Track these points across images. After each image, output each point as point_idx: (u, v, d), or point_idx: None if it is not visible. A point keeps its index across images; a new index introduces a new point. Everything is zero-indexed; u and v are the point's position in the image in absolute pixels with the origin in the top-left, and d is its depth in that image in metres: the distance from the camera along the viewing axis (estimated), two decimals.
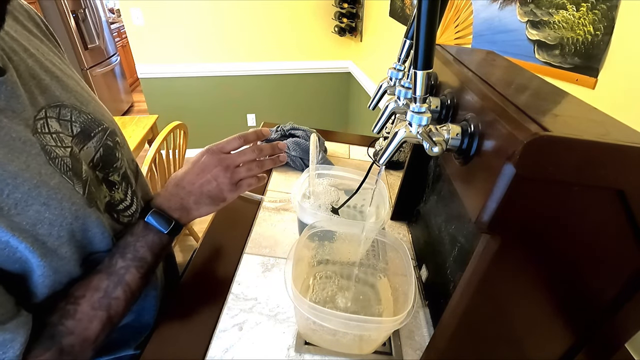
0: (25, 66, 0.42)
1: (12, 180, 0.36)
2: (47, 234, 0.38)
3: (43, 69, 0.45)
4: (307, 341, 0.52)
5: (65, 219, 0.40)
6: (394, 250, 0.55)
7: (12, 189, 0.35)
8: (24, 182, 0.36)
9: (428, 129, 0.34)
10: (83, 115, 0.48)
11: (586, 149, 0.25)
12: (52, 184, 0.39)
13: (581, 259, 0.32)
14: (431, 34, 0.29)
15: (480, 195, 0.30)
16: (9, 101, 0.38)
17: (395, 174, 0.96)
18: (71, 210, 0.40)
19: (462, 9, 1.13)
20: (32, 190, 0.37)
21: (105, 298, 0.44)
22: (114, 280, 0.45)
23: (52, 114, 0.43)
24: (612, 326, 0.36)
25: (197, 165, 0.53)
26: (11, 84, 0.38)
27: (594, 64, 0.67)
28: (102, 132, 0.51)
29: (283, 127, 0.99)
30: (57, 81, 0.46)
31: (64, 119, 0.45)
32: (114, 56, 3.53)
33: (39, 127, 0.41)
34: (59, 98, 0.45)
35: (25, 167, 0.37)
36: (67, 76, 0.49)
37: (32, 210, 0.37)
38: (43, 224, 0.38)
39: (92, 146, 0.48)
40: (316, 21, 2.40)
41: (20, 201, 0.36)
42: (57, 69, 0.48)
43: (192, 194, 0.52)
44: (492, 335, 0.40)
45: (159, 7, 2.17)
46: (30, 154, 0.38)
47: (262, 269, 0.63)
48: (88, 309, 0.42)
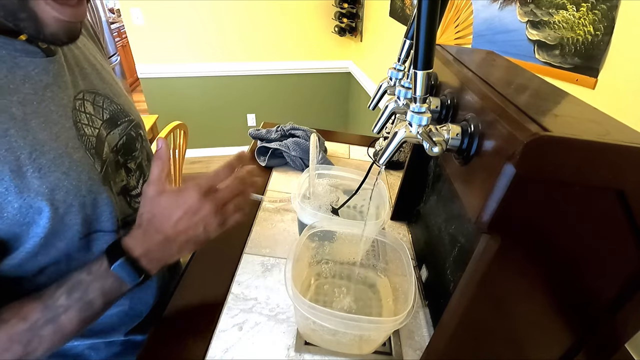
0: (72, 55, 0.49)
1: (40, 146, 0.39)
2: (62, 200, 0.41)
3: (86, 61, 0.52)
4: (307, 341, 0.52)
5: (80, 190, 0.43)
6: (394, 250, 0.55)
7: (38, 155, 0.39)
8: (51, 150, 0.40)
9: (428, 129, 0.34)
10: (114, 104, 0.54)
11: (586, 149, 0.25)
12: (76, 157, 0.43)
13: (581, 259, 0.32)
14: (431, 34, 0.29)
15: (480, 196, 0.30)
16: (55, 78, 0.44)
17: (395, 174, 0.96)
18: (87, 183, 0.44)
19: (462, 9, 1.13)
20: (56, 158, 0.41)
21: (29, 332, 0.39)
22: (47, 317, 0.40)
23: (89, 97, 0.49)
24: (612, 326, 0.35)
25: (185, 208, 0.43)
26: (59, 64, 0.45)
27: (594, 64, 0.67)
28: (128, 123, 0.56)
29: (283, 127, 0.99)
30: (97, 73, 0.53)
31: (97, 105, 0.51)
32: (114, 56, 3.53)
33: (77, 105, 0.46)
34: (95, 86, 0.51)
35: (55, 137, 0.41)
36: (105, 71, 0.55)
37: (53, 177, 0.40)
38: (60, 191, 0.41)
39: (117, 133, 0.53)
40: (316, 21, 2.40)
41: (44, 166, 0.39)
42: (97, 62, 0.54)
43: (175, 242, 0.44)
44: (492, 335, 0.40)
45: (159, 7, 2.17)
46: (64, 126, 0.43)
47: (262, 269, 0.63)
48: (4, 338, 0.38)
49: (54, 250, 0.43)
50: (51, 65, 0.43)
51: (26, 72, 0.40)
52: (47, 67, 0.43)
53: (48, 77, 0.43)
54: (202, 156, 2.83)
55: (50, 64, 0.43)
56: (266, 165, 0.92)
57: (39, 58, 0.42)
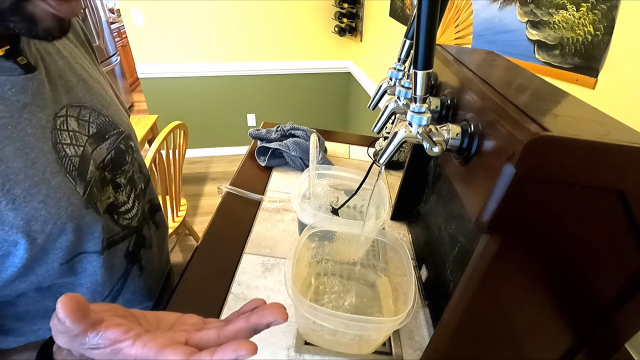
0: (55, 66, 0.45)
1: (15, 176, 0.37)
2: (40, 230, 0.39)
3: (72, 71, 0.48)
4: (307, 341, 0.52)
5: (60, 218, 0.41)
6: (394, 250, 0.55)
7: (12, 185, 0.36)
8: (26, 178, 0.37)
9: (428, 129, 0.34)
10: (101, 117, 0.50)
11: (586, 149, 0.25)
12: (54, 183, 0.40)
13: (581, 259, 0.32)
14: (431, 34, 0.28)
15: (480, 196, 0.30)
16: (34, 97, 0.40)
17: (395, 174, 0.96)
18: (67, 210, 0.41)
19: (462, 9, 1.13)
20: (32, 187, 0.38)
21: None
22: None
23: (73, 113, 0.46)
24: (612, 326, 0.35)
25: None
26: (39, 81, 0.41)
27: (594, 64, 0.67)
28: (117, 135, 0.53)
29: (283, 127, 0.99)
30: (83, 83, 0.49)
31: (83, 119, 0.47)
32: (114, 56, 3.53)
33: (59, 124, 0.43)
34: (81, 99, 0.48)
35: (31, 164, 0.38)
36: (93, 80, 0.51)
37: (29, 207, 0.38)
38: (37, 221, 0.38)
39: (105, 147, 0.50)
40: (316, 21, 2.40)
41: (19, 197, 0.37)
42: (85, 72, 0.50)
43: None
44: (492, 335, 0.40)
45: (159, 7, 2.17)
46: (41, 150, 0.40)
47: (262, 269, 0.63)
48: None
49: (34, 277, 0.42)
50: (30, 83, 0.39)
51: (2, 92, 0.37)
52: (26, 86, 0.39)
53: (26, 96, 0.39)
54: (202, 156, 2.84)
55: (29, 81, 0.39)
56: (266, 165, 0.92)
57: (16, 76, 0.38)
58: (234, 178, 0.87)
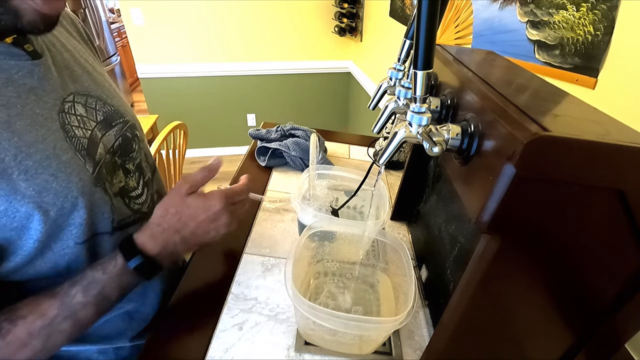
0: (61, 58, 0.48)
1: (27, 148, 0.39)
2: (52, 202, 0.41)
3: (77, 63, 0.51)
4: (307, 341, 0.52)
5: (70, 192, 0.42)
6: (394, 250, 0.55)
7: (24, 157, 0.38)
8: (37, 152, 0.40)
9: (428, 129, 0.34)
10: (107, 106, 0.53)
11: (586, 149, 0.25)
12: (64, 159, 0.42)
13: (581, 259, 0.32)
14: (431, 34, 0.29)
15: (480, 196, 0.30)
16: (41, 81, 0.43)
17: (395, 174, 0.96)
18: (78, 185, 0.43)
19: (462, 9, 1.13)
20: (43, 160, 0.40)
21: (47, 328, 0.40)
22: (65, 313, 0.41)
23: (80, 100, 0.48)
24: (612, 326, 0.35)
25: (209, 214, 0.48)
26: (45, 67, 0.44)
27: (594, 64, 0.67)
28: (123, 124, 0.55)
29: (283, 127, 0.99)
30: (88, 75, 0.52)
31: (90, 107, 0.50)
32: (114, 56, 3.53)
33: (67, 108, 0.45)
34: (87, 89, 0.50)
35: (41, 139, 0.41)
36: (97, 73, 0.54)
37: (40, 179, 0.40)
38: (49, 193, 0.40)
39: (113, 134, 0.53)
40: (316, 21, 2.40)
41: (30, 168, 0.39)
42: (89, 65, 0.54)
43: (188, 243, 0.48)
44: (492, 335, 0.40)
45: (159, 7, 2.17)
46: (50, 129, 0.42)
47: (262, 269, 0.63)
48: (23, 334, 0.39)
49: (51, 254, 0.43)
50: (36, 68, 0.42)
51: (9, 75, 0.40)
52: (32, 70, 0.42)
53: (32, 80, 0.42)
54: (202, 156, 2.84)
55: (36, 67, 0.42)
56: (266, 165, 0.92)
57: (24, 61, 0.41)
58: (234, 178, 0.87)
